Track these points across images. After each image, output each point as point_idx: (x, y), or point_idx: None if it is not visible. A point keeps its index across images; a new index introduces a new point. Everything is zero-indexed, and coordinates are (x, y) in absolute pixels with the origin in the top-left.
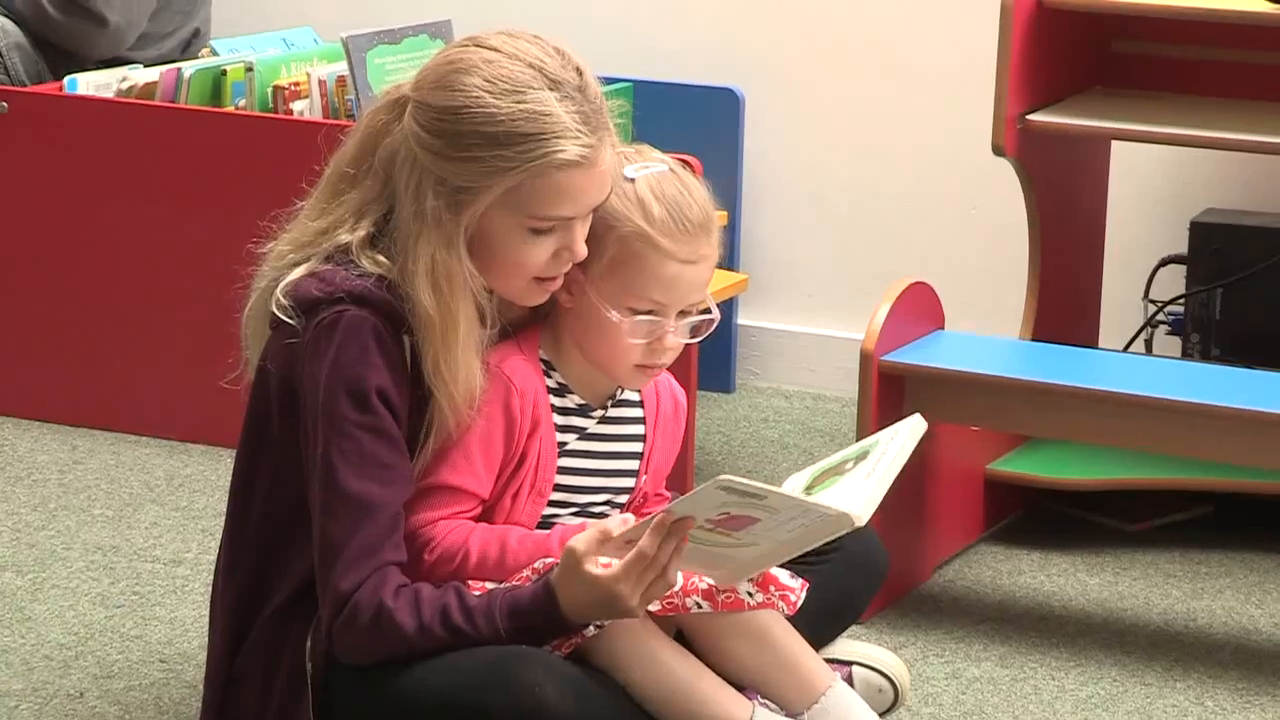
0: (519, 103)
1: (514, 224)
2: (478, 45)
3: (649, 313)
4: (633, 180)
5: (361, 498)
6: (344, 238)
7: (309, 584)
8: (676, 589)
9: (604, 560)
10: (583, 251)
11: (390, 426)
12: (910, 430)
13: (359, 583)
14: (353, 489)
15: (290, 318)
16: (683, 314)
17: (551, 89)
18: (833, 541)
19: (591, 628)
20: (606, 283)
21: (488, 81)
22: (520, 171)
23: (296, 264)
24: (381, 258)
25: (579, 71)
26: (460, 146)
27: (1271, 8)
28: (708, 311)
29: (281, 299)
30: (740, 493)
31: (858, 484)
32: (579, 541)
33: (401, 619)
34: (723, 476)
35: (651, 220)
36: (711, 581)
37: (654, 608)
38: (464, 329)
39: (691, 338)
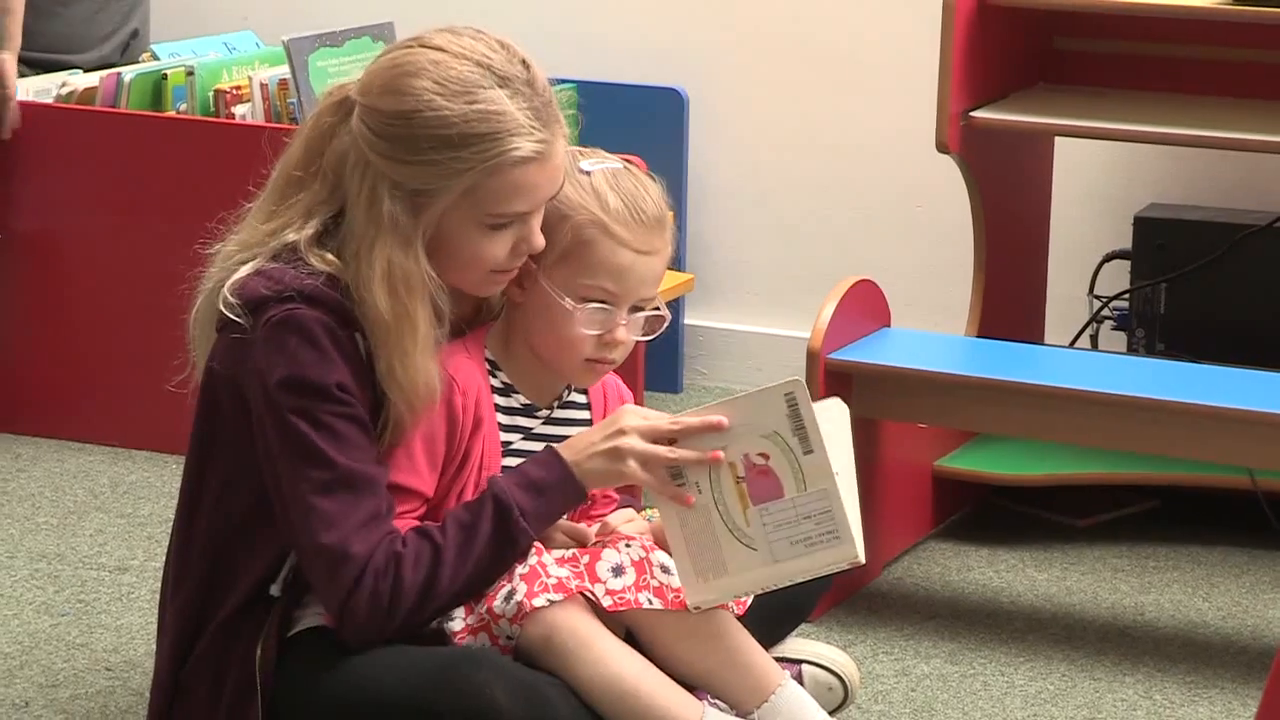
0: (471, 103)
1: (471, 222)
2: (423, 45)
3: (601, 303)
4: (589, 173)
5: (356, 472)
6: (291, 236)
7: (259, 592)
8: (629, 584)
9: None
10: (540, 243)
11: (359, 412)
12: (842, 421)
13: (372, 547)
14: (344, 464)
15: (237, 316)
16: (634, 310)
17: (501, 86)
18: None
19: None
20: (559, 271)
21: (437, 83)
22: (477, 171)
23: (244, 264)
24: (330, 255)
25: (525, 65)
26: (415, 150)
27: (1210, 2)
28: (659, 310)
29: (229, 297)
30: (796, 418)
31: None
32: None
33: (419, 554)
34: (796, 378)
35: (607, 209)
36: (671, 583)
37: (606, 603)
38: (423, 331)
39: (643, 335)
